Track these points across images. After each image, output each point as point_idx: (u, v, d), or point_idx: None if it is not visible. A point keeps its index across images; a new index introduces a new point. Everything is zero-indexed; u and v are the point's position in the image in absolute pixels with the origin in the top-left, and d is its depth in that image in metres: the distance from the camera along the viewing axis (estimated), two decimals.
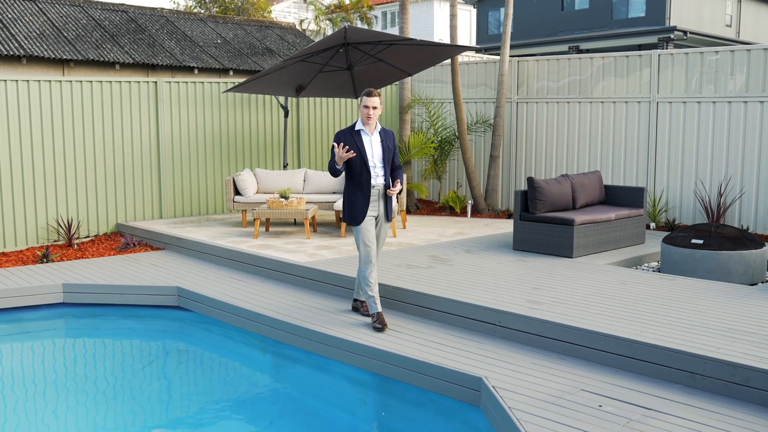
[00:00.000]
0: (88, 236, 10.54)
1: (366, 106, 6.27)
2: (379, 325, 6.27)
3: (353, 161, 6.26)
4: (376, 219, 6.45)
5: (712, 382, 4.85)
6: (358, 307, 6.83)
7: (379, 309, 6.35)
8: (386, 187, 6.40)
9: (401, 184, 6.41)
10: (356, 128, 6.33)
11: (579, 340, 5.54)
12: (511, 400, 4.67)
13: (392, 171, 6.49)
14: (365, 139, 6.31)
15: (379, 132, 6.39)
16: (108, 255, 9.60)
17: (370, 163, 6.28)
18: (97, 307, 7.96)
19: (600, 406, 4.61)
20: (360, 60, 10.26)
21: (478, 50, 25.03)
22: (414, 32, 31.77)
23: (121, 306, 7.94)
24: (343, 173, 6.39)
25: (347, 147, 6.17)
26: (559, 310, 6.04)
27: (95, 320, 7.79)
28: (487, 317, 6.15)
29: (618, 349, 5.32)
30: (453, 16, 11.79)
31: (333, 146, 6.22)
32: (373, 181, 6.31)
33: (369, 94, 6.27)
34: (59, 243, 10.14)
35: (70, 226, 10.03)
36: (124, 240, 10.10)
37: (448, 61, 12.60)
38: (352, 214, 6.34)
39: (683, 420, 4.40)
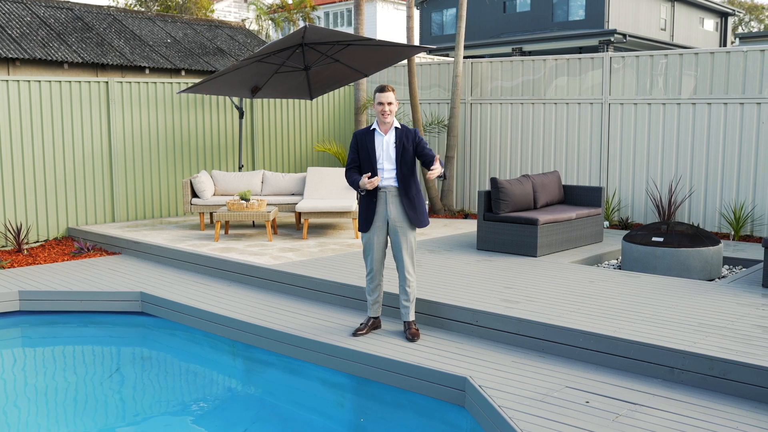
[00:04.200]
0: (37, 241, 10.18)
1: (380, 103, 5.81)
2: (356, 327, 6.25)
3: (363, 164, 5.94)
4: (387, 224, 5.98)
5: (690, 375, 4.97)
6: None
7: (370, 314, 6.26)
8: (397, 188, 5.90)
9: (439, 164, 5.71)
10: (371, 128, 5.94)
11: (558, 337, 5.61)
12: (500, 399, 4.70)
13: (426, 163, 5.89)
14: (377, 140, 5.90)
15: (396, 131, 5.92)
16: (62, 260, 9.29)
17: (378, 165, 5.87)
18: (55, 314, 7.69)
19: (587, 402, 4.68)
20: (317, 61, 10.18)
21: (429, 51, 25.22)
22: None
23: (81, 313, 7.69)
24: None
25: (370, 174, 5.79)
26: (534, 309, 6.11)
27: (55, 328, 7.53)
28: (464, 317, 6.18)
29: (597, 346, 5.41)
30: (410, 17, 11.84)
31: (350, 146, 5.99)
32: (379, 183, 5.91)
33: (382, 90, 5.81)
34: (7, 249, 9.77)
35: (18, 231, 9.67)
36: (77, 245, 9.79)
37: (404, 62, 12.63)
38: (360, 219, 6.03)
39: (669, 413, 4.50)
